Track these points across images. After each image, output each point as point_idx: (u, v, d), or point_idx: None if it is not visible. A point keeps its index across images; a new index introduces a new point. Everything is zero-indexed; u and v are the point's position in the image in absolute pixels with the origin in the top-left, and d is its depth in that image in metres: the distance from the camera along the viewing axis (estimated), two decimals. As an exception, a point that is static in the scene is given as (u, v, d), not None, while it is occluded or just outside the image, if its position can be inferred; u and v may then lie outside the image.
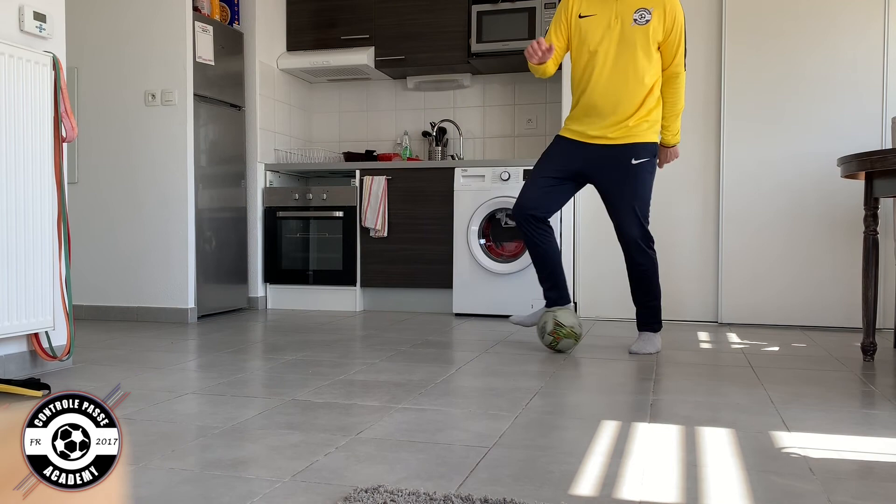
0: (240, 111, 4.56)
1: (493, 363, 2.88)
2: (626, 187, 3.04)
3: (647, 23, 2.97)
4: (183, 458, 1.69)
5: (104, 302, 4.18)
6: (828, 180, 3.86)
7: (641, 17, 2.98)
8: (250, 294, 4.69)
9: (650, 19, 2.97)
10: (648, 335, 3.17)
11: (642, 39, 2.98)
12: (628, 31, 2.99)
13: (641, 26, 2.98)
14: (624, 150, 3.03)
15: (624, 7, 3.00)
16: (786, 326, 3.95)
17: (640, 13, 2.99)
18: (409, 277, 4.52)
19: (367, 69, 4.88)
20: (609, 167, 3.06)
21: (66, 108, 2.73)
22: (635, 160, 3.03)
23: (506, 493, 1.44)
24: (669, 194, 4.15)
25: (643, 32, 2.98)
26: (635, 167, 3.03)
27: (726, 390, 2.40)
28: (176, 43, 4.04)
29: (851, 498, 1.44)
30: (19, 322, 2.56)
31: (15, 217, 2.54)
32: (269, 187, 4.73)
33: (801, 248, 3.96)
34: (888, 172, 2.76)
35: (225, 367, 2.77)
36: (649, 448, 1.76)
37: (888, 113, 3.81)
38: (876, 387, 2.51)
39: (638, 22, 2.98)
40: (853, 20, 3.86)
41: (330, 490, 1.47)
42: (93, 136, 4.15)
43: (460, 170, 4.38)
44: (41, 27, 2.72)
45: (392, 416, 2.04)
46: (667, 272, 4.17)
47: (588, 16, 3.05)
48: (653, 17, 2.98)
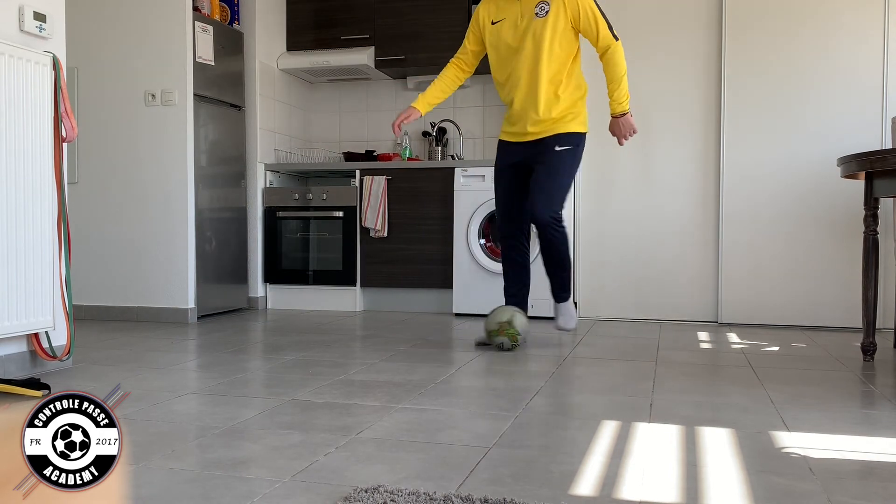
0: (240, 111, 4.56)
1: (493, 363, 2.88)
2: (545, 169, 3.14)
3: (547, 13, 3.07)
4: (183, 458, 1.69)
5: (104, 302, 4.18)
6: (828, 180, 3.86)
7: (541, 9, 3.09)
8: (250, 294, 4.69)
9: (549, 9, 3.07)
10: (565, 307, 3.31)
11: (547, 31, 3.07)
12: (532, 26, 3.09)
13: (542, 18, 3.08)
14: (549, 140, 3.16)
15: (526, 5, 3.11)
16: (786, 326, 3.95)
17: (539, 6, 3.10)
18: (409, 277, 4.52)
19: (367, 69, 4.88)
20: (538, 155, 3.18)
21: (66, 108, 2.73)
22: (558, 147, 3.15)
23: (506, 493, 1.44)
24: (669, 194, 4.15)
25: (545, 24, 3.07)
26: (558, 153, 3.15)
27: (726, 390, 2.40)
28: (176, 43, 4.04)
29: (851, 498, 1.44)
30: (19, 322, 2.56)
31: (15, 217, 2.54)
32: (269, 187, 4.73)
33: (801, 248, 3.96)
34: (888, 172, 2.76)
35: (225, 367, 2.77)
36: (649, 448, 1.76)
37: (888, 113, 3.81)
38: (876, 387, 2.51)
39: (539, 15, 3.09)
40: (853, 20, 3.86)
41: (330, 490, 1.47)
42: (93, 136, 4.15)
43: (460, 170, 4.38)
44: (41, 27, 2.72)
45: (392, 416, 2.04)
46: (667, 272, 4.17)
47: (498, 21, 3.19)
48: (551, 7, 3.07)
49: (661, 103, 4.14)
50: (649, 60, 4.14)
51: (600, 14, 3.08)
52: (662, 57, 4.14)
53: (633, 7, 4.18)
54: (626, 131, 3.20)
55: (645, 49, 4.14)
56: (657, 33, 4.15)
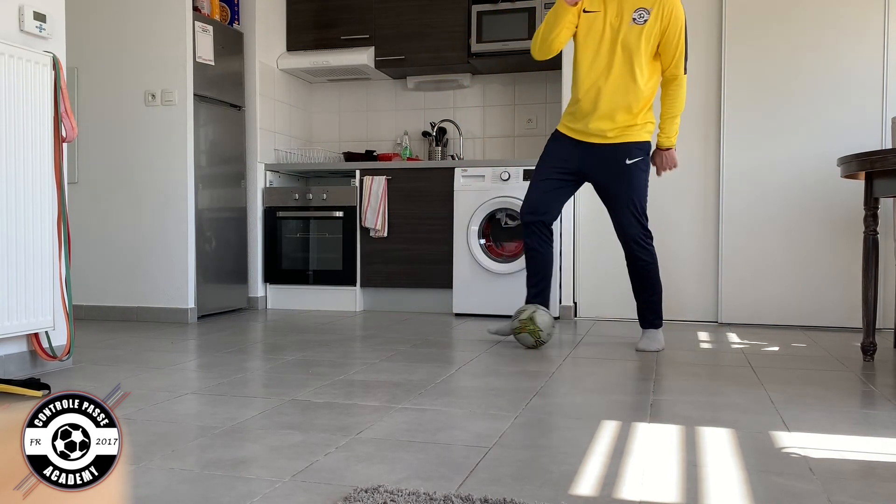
0: (240, 111, 4.56)
1: (493, 363, 2.88)
2: (622, 186, 3.08)
3: (646, 22, 2.98)
4: (183, 458, 1.69)
5: (104, 302, 4.18)
6: (828, 180, 3.86)
7: (640, 16, 2.99)
8: (250, 294, 4.69)
9: (648, 18, 2.98)
10: (652, 332, 3.21)
11: (642, 39, 2.98)
12: (627, 30, 3.00)
13: (640, 25, 2.99)
14: (617, 149, 3.07)
15: (625, 6, 3.01)
16: (786, 326, 3.95)
17: (639, 12, 3.00)
18: (409, 277, 4.52)
19: (367, 69, 4.88)
20: (605, 166, 3.10)
21: (66, 108, 2.73)
22: (629, 160, 3.07)
23: (506, 493, 1.44)
24: (670, 194, 4.15)
25: (641, 32, 2.98)
26: (629, 167, 3.07)
27: (726, 390, 2.40)
28: (176, 43, 4.04)
29: (851, 498, 1.44)
30: (19, 322, 2.56)
31: (15, 217, 2.54)
32: (269, 187, 4.73)
33: (801, 248, 3.96)
34: (888, 172, 2.76)
35: (225, 367, 2.77)
36: (649, 448, 1.76)
37: (888, 113, 3.81)
38: (876, 387, 2.51)
39: (637, 21, 2.99)
40: (853, 20, 3.86)
41: (330, 490, 1.47)
42: (93, 136, 4.15)
43: (460, 170, 4.38)
44: (41, 27, 2.72)
45: (392, 416, 2.04)
46: (667, 272, 4.16)
47: (592, 12, 3.06)
48: (650, 17, 2.98)
49: (661, 103, 4.14)
50: (649, 60, 4.14)
51: (685, 42, 3.03)
52: (662, 57, 4.14)
53: (633, 7, 4.17)
54: (668, 165, 3.21)
55: (645, 49, 4.14)
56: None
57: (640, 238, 3.12)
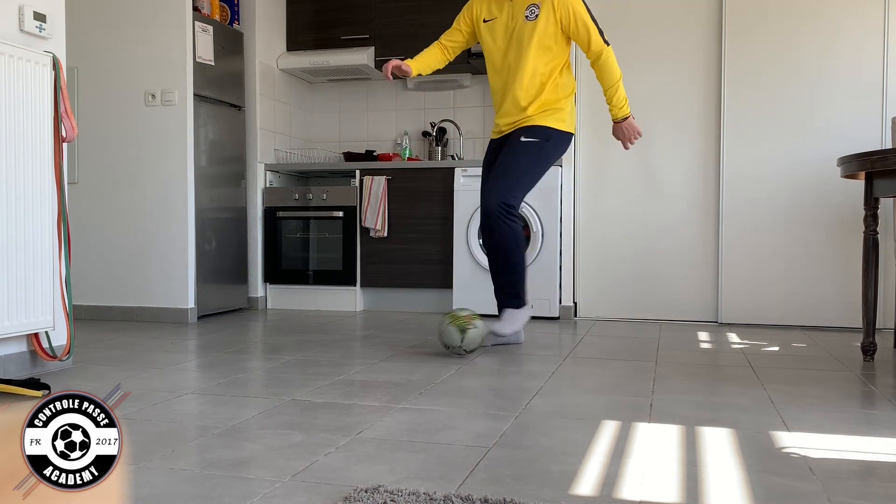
0: (240, 111, 4.56)
1: (493, 363, 2.88)
2: (507, 157, 3.13)
3: (537, 17, 3.07)
4: (183, 458, 1.69)
5: (104, 302, 4.18)
6: (828, 180, 3.86)
7: (532, 13, 3.09)
8: (250, 294, 4.69)
9: (539, 14, 3.07)
10: (511, 313, 3.15)
11: (536, 35, 3.07)
12: (521, 27, 3.10)
13: (532, 22, 3.08)
14: (518, 130, 3.16)
15: (517, 6, 3.12)
16: (786, 326, 3.95)
17: (530, 9, 3.10)
18: (409, 277, 4.52)
19: (367, 69, 4.88)
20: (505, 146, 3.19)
21: (66, 108, 2.73)
22: (524, 137, 3.13)
23: (506, 493, 1.44)
24: (669, 194, 4.15)
25: (535, 27, 3.07)
26: (523, 143, 3.13)
27: (726, 390, 2.40)
28: (176, 43, 4.04)
29: (851, 498, 1.44)
30: (19, 322, 2.56)
31: (15, 217, 2.54)
32: (269, 187, 4.73)
33: (801, 248, 3.96)
34: (888, 172, 2.76)
35: (225, 367, 2.77)
36: (649, 448, 1.76)
37: (888, 113, 3.81)
38: (876, 387, 2.51)
39: (529, 18, 3.10)
40: (853, 20, 3.86)
41: (330, 490, 1.47)
42: (93, 136, 4.15)
43: (460, 170, 4.38)
44: (41, 27, 2.72)
45: (392, 416, 2.04)
46: (667, 272, 4.17)
47: (490, 20, 3.20)
48: (541, 12, 3.07)
49: (661, 103, 4.14)
50: (649, 60, 4.14)
51: (591, 20, 3.06)
52: (662, 57, 4.14)
53: (634, 7, 4.18)
54: (631, 135, 3.18)
55: (645, 49, 4.14)
56: (657, 33, 4.15)
57: (499, 208, 3.01)
